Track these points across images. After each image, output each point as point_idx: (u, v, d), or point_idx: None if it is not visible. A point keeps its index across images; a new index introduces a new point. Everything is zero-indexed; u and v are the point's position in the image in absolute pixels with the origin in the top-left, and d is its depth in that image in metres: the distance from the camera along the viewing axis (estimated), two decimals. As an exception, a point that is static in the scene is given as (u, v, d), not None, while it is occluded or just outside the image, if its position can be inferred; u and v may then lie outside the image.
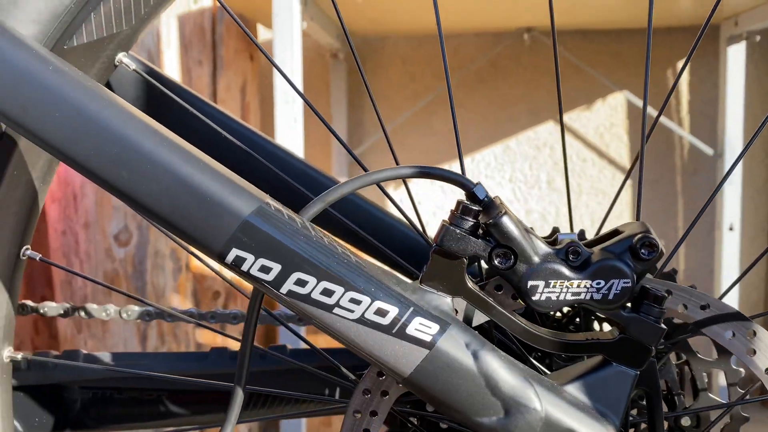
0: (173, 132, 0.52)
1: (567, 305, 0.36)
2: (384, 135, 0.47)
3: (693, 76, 1.77)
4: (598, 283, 0.36)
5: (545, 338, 0.37)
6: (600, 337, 0.37)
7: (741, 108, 1.59)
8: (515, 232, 0.35)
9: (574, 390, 0.36)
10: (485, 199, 0.38)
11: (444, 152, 1.83)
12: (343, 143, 0.47)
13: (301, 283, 0.35)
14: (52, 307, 0.57)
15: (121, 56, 0.46)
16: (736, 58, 1.58)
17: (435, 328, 0.35)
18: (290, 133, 1.23)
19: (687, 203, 1.79)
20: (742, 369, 0.48)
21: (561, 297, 0.36)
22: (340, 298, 0.35)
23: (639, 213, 0.40)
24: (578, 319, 0.49)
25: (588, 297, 0.36)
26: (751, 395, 0.47)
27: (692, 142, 1.67)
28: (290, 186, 0.50)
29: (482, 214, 0.36)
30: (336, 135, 0.47)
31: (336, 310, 0.35)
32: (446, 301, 0.36)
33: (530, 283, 0.36)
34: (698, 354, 0.50)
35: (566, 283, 0.36)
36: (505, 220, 0.35)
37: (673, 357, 0.51)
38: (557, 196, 1.81)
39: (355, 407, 0.39)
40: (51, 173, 0.49)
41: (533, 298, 0.36)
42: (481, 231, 0.37)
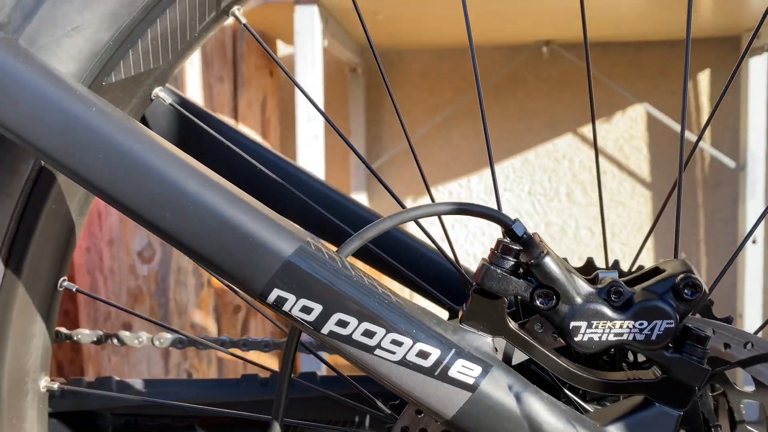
0: (209, 164, 0.52)
1: (609, 346, 0.35)
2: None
3: (714, 88, 1.75)
4: (641, 324, 0.35)
5: (587, 378, 0.37)
6: (642, 377, 0.37)
7: (763, 120, 1.57)
8: (558, 273, 0.35)
9: (616, 431, 0.36)
10: (524, 236, 0.38)
11: (463, 165, 1.83)
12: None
13: (342, 324, 0.35)
14: (86, 335, 0.57)
15: (158, 90, 0.47)
16: (758, 70, 1.57)
17: (477, 371, 0.35)
18: (311, 150, 1.24)
19: (708, 216, 1.78)
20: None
21: (603, 338, 0.35)
22: (382, 340, 0.35)
23: (677, 249, 0.40)
24: (612, 351, 0.49)
25: (631, 338, 0.35)
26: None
27: (714, 155, 1.66)
28: (327, 220, 0.50)
29: (523, 253, 0.36)
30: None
31: (377, 352, 0.35)
32: (487, 342, 0.36)
33: (572, 324, 0.35)
34: (735, 385, 0.50)
35: (609, 324, 0.35)
36: (548, 261, 0.35)
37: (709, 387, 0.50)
38: (577, 209, 1.81)
39: (394, 445, 0.39)
40: (87, 206, 0.49)
41: (575, 339, 0.35)
42: (522, 270, 0.37)
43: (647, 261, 1.80)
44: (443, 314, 0.54)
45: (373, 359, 0.35)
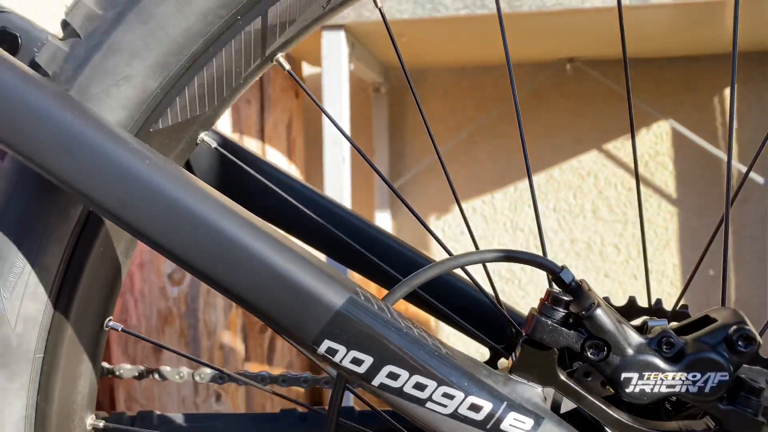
0: (254, 205, 0.53)
1: (661, 398, 0.35)
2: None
3: (741, 103, 1.74)
4: (694, 376, 0.35)
5: (638, 428, 0.36)
6: (695, 428, 0.36)
7: (793, 136, 1.55)
8: (609, 325, 0.35)
9: (669, 482, 0.36)
10: (572, 284, 0.38)
11: (486, 182, 1.83)
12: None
13: (393, 377, 0.35)
14: (128, 369, 0.58)
15: (203, 135, 0.47)
16: (787, 86, 1.55)
17: (530, 423, 0.35)
18: (338, 173, 1.24)
19: (737, 232, 1.76)
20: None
21: (655, 389, 0.35)
22: (433, 393, 0.35)
23: (724, 298, 0.40)
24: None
25: (683, 390, 0.35)
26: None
27: (742, 171, 1.64)
28: (371, 261, 0.51)
29: (572, 303, 0.36)
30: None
31: (428, 405, 0.35)
32: (538, 392, 0.36)
33: (624, 376, 0.35)
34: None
35: (661, 376, 0.35)
36: (599, 314, 0.35)
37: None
38: (602, 226, 1.79)
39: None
40: (133, 247, 0.50)
41: (627, 391, 0.35)
42: (572, 320, 0.37)
43: (674, 279, 1.78)
44: (482, 350, 0.54)
45: (425, 412, 0.35)
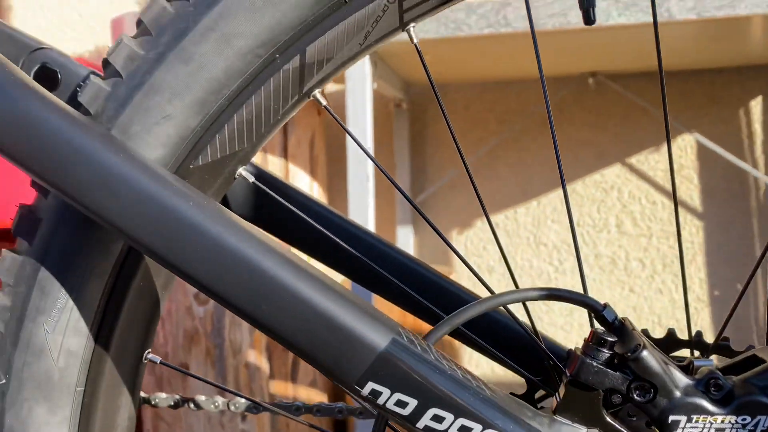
0: (291, 238, 0.53)
1: (710, 441, 0.35)
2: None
3: (766, 116, 1.72)
4: (744, 419, 0.35)
5: (685, 470, 0.36)
6: (744, 471, 0.36)
7: (821, 149, 1.53)
8: (656, 367, 0.35)
9: None
10: (615, 322, 0.37)
11: (509, 197, 1.82)
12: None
13: (438, 419, 0.35)
14: (163, 398, 0.59)
15: (241, 170, 0.48)
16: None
17: (576, 467, 0.34)
18: (362, 191, 1.25)
19: (764, 246, 1.73)
20: None
21: (704, 432, 0.35)
22: (479, 436, 0.35)
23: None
24: None
25: (733, 433, 0.35)
26: None
27: (769, 184, 1.62)
28: (410, 296, 0.51)
29: (618, 345, 0.36)
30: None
31: (474, 447, 0.35)
32: (583, 434, 0.36)
33: (672, 418, 0.35)
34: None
35: (710, 419, 0.35)
36: (646, 355, 0.35)
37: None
38: (627, 240, 1.78)
39: None
40: (172, 281, 0.51)
41: (675, 433, 0.35)
42: (617, 360, 0.36)
43: (700, 294, 1.76)
44: (518, 383, 0.53)
45: (470, 454, 0.35)
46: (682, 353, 0.50)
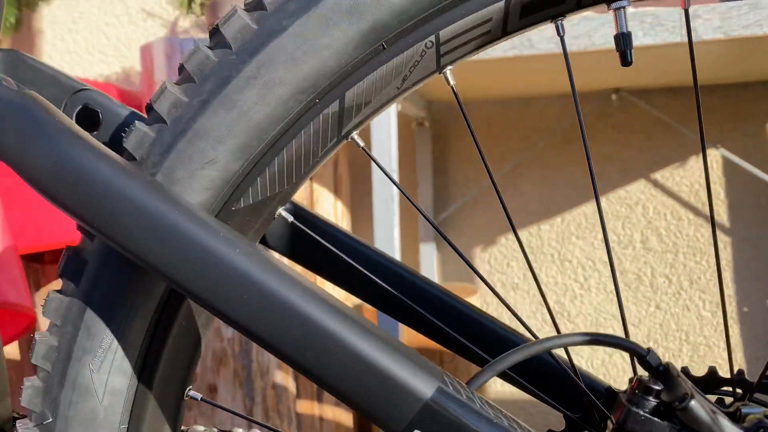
0: (328, 274, 0.54)
1: (760, 490, 0.35)
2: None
3: (794, 130, 1.70)
4: (794, 470, 0.34)
5: None
6: None
7: None
8: (705, 417, 0.35)
9: None
10: (660, 368, 0.37)
11: (533, 213, 1.82)
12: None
13: (485, 467, 0.35)
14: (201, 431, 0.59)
15: (281, 210, 0.49)
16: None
17: None
18: (387, 213, 1.25)
19: (794, 262, 1.71)
20: None
21: (753, 482, 0.35)
22: (526, 484, 0.35)
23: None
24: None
25: (783, 483, 0.35)
26: None
27: (798, 200, 1.60)
28: (452, 336, 0.51)
29: (664, 392, 0.36)
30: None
31: (521, 496, 0.35)
32: (630, 483, 0.36)
33: (720, 468, 0.35)
34: None
35: (759, 469, 0.35)
36: (694, 405, 0.35)
37: None
38: (652, 256, 1.76)
39: None
40: (212, 319, 0.51)
41: (723, 483, 0.35)
42: (663, 408, 0.36)
43: (730, 311, 1.74)
44: (556, 419, 0.53)
45: (517, 504, 0.35)
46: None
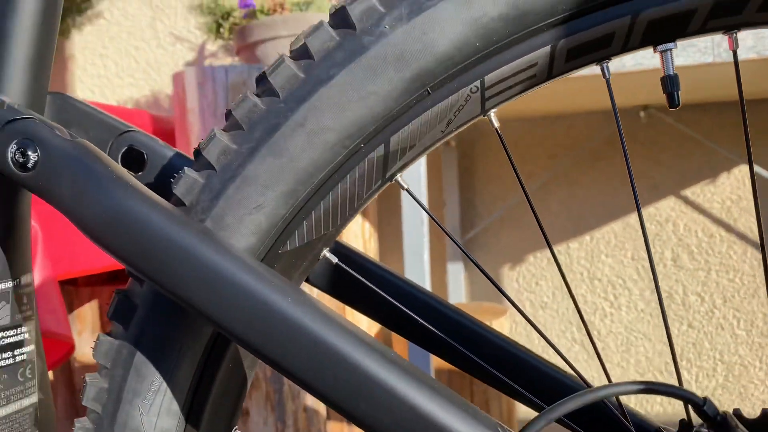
0: (374, 313, 0.54)
1: None
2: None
3: (828, 145, 1.67)
4: None
5: None
6: None
7: None
8: (765, 471, 0.34)
9: None
10: (717, 418, 0.37)
11: (561, 231, 1.81)
12: (461, 247, 0.47)
13: None
14: (243, 467, 0.60)
15: (326, 251, 0.49)
16: None
17: None
18: (416, 235, 1.25)
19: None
20: None
21: None
22: None
23: None
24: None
25: None
26: None
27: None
28: (498, 377, 0.51)
29: (721, 443, 0.36)
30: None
31: None
32: None
33: None
34: None
35: None
36: (755, 459, 0.34)
37: None
38: (684, 274, 1.74)
39: None
40: (258, 359, 0.52)
41: None
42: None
43: (764, 330, 1.70)
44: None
45: None
46: None
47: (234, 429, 0.52)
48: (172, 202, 0.46)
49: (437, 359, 1.29)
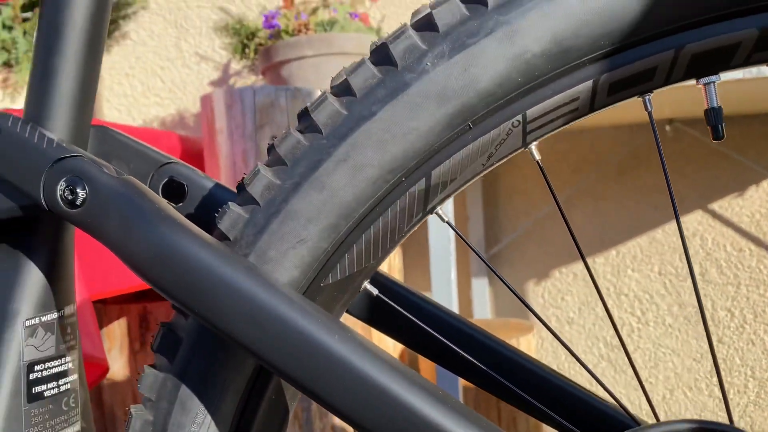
0: (414, 343, 0.54)
1: None
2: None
3: None
4: None
5: None
6: None
7: None
8: None
9: None
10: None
11: (586, 246, 1.79)
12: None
13: None
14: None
15: (366, 284, 0.49)
16: None
17: None
18: (443, 252, 1.25)
19: None
20: None
21: None
22: None
23: None
24: None
25: None
26: None
27: None
28: (537, 407, 0.51)
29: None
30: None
31: None
32: None
33: None
34: None
35: None
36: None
37: None
38: (712, 289, 1.72)
39: None
40: (297, 396, 0.52)
41: None
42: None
43: (797, 344, 1.67)
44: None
45: None
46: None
47: (275, 459, 0.52)
48: (216, 236, 0.47)
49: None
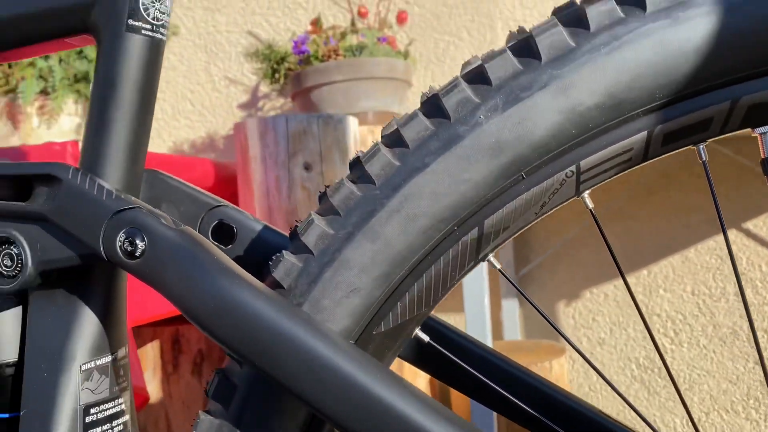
0: (462, 386, 0.54)
1: None
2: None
3: None
4: None
5: None
6: None
7: None
8: None
9: None
10: None
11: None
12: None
13: None
14: None
15: (417, 331, 0.50)
16: None
17: None
18: (476, 276, 1.25)
19: None
20: None
21: None
22: None
23: None
24: None
25: None
26: None
27: None
28: None
29: None
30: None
31: None
32: None
33: None
34: None
35: None
36: None
37: None
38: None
39: None
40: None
41: None
42: None
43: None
44: None
45: None
46: None
47: (326, 504, 0.52)
48: (269, 284, 0.47)
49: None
